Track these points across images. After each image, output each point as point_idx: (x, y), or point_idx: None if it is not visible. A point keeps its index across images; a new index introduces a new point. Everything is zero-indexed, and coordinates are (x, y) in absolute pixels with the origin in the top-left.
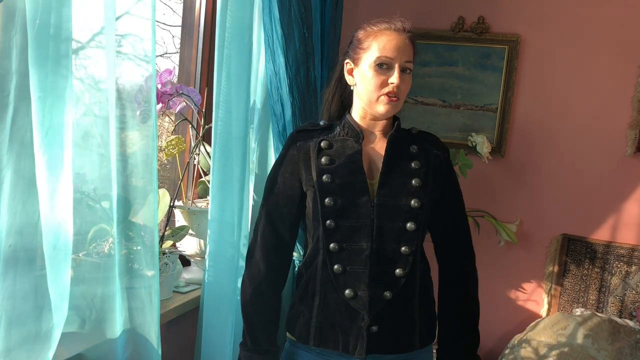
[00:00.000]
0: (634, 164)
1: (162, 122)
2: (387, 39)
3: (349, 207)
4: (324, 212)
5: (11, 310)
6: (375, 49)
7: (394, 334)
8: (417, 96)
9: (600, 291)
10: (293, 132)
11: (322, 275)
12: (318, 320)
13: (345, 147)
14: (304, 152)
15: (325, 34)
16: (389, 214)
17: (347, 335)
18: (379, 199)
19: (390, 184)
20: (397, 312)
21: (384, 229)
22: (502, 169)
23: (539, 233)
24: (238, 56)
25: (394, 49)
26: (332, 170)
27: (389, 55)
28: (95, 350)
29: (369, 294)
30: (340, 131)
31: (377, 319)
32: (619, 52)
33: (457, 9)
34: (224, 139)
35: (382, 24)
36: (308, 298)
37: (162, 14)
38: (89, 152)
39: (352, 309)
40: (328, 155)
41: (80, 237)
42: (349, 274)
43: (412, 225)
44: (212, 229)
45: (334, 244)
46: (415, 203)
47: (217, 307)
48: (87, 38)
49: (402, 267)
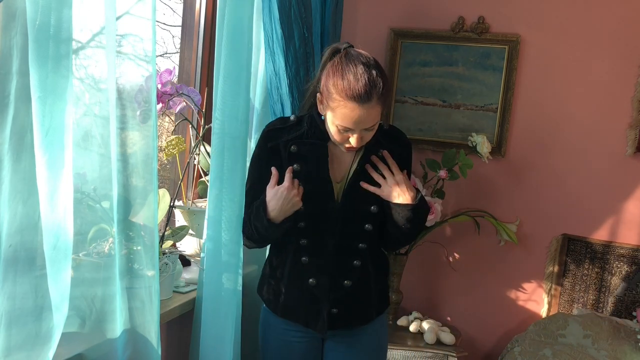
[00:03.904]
0: (634, 164)
1: (162, 122)
2: (350, 111)
3: (317, 211)
4: (297, 217)
5: (11, 310)
6: (338, 116)
7: (352, 314)
8: (417, 96)
9: (600, 291)
10: (264, 132)
11: (291, 264)
12: (286, 299)
13: (313, 150)
14: (273, 152)
15: (325, 34)
16: (351, 216)
17: (310, 315)
18: (344, 204)
19: (353, 193)
20: (356, 296)
21: (346, 229)
22: (502, 169)
23: (539, 233)
24: (237, 56)
25: (354, 121)
26: (301, 177)
27: (350, 127)
28: (95, 350)
29: (330, 283)
30: (307, 130)
31: (337, 303)
32: (619, 52)
33: (457, 9)
34: (223, 139)
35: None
36: (278, 278)
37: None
38: (89, 152)
39: (315, 296)
40: (297, 162)
41: (80, 237)
42: (314, 265)
43: (370, 227)
44: (210, 228)
45: (303, 240)
46: (374, 209)
47: (215, 306)
48: (87, 38)
49: (360, 260)
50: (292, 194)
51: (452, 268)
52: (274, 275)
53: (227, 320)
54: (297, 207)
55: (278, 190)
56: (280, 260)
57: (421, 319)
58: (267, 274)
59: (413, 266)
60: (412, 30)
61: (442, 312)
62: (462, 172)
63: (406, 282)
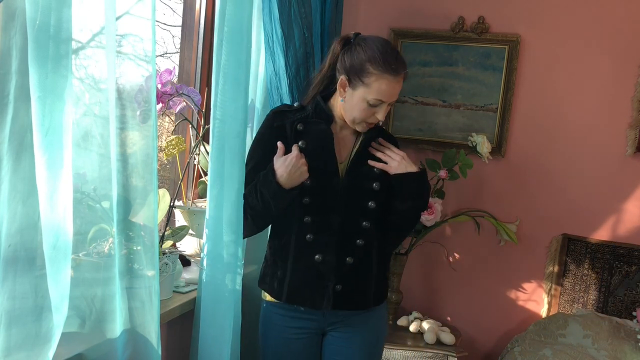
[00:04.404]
0: (634, 164)
1: (162, 122)
2: (386, 84)
3: (321, 187)
4: (302, 192)
5: (11, 310)
6: (374, 90)
7: (354, 293)
8: (417, 96)
9: (600, 291)
10: (269, 114)
11: (295, 242)
12: (291, 280)
13: (318, 130)
14: (281, 131)
15: (325, 34)
16: (355, 194)
17: (315, 293)
18: (348, 181)
19: (357, 170)
20: (357, 275)
21: (349, 206)
22: (502, 169)
23: (539, 233)
24: (236, 56)
25: (389, 94)
26: (307, 153)
27: (383, 99)
28: (95, 350)
29: (335, 259)
30: (311, 112)
31: (341, 279)
32: (619, 52)
33: (457, 9)
34: (222, 139)
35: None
36: (282, 261)
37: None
38: (89, 152)
39: (321, 272)
40: (303, 139)
41: (80, 237)
42: (319, 243)
43: (373, 204)
44: (210, 228)
45: (307, 217)
46: (376, 186)
47: (215, 306)
48: (87, 38)
49: (363, 238)
50: (300, 162)
51: (452, 268)
52: (277, 260)
53: (227, 321)
54: (305, 177)
55: (287, 158)
56: (284, 242)
57: (421, 319)
58: (270, 263)
59: (413, 266)
60: (412, 30)
61: (442, 312)
62: (462, 172)
63: (406, 282)
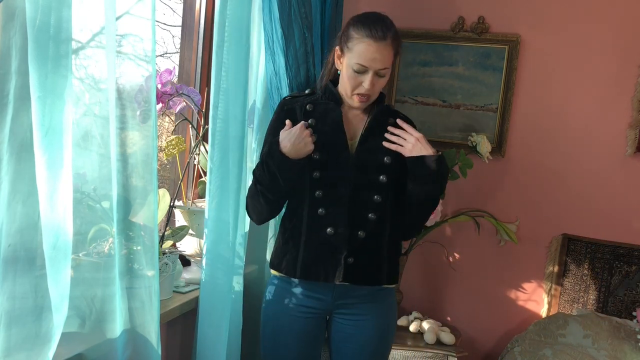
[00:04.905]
0: (634, 164)
1: (162, 122)
2: (365, 47)
3: (332, 161)
4: (311, 165)
5: (11, 310)
6: (355, 54)
7: (365, 267)
8: (417, 96)
9: (600, 291)
10: (280, 101)
11: (307, 217)
12: (304, 256)
13: (327, 109)
14: (291, 113)
15: (325, 34)
16: (365, 167)
17: (328, 265)
18: (358, 155)
19: (367, 144)
20: (369, 249)
21: (360, 180)
22: (502, 169)
23: (539, 233)
24: (236, 55)
25: (369, 59)
26: (317, 129)
27: (364, 64)
28: (95, 350)
29: (347, 232)
30: (322, 95)
31: (353, 252)
32: (619, 52)
33: (457, 9)
34: (222, 139)
35: (366, 30)
36: (294, 238)
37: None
38: (89, 152)
39: (333, 244)
40: (313, 117)
41: (80, 237)
42: (330, 216)
43: (384, 178)
44: (210, 228)
45: (318, 192)
46: (387, 160)
47: (214, 305)
48: (87, 38)
49: (375, 213)
50: (304, 133)
51: (452, 268)
52: (289, 240)
53: (224, 321)
54: (309, 148)
55: (291, 130)
56: (296, 221)
57: (421, 319)
58: (281, 245)
59: (413, 266)
60: (412, 30)
61: (442, 312)
62: (462, 172)
63: (406, 282)
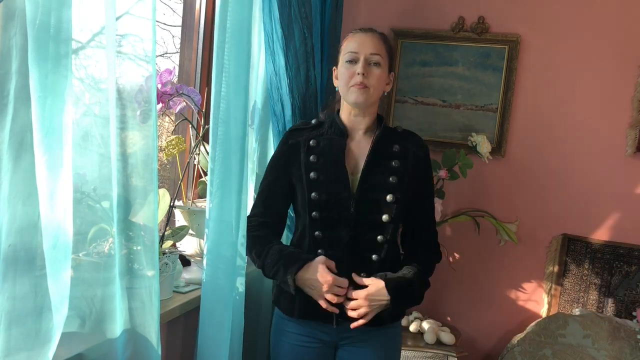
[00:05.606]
0: (634, 164)
1: (162, 122)
2: (353, 38)
3: (332, 200)
4: (310, 205)
5: (11, 310)
6: (346, 49)
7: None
8: (417, 96)
9: (600, 291)
10: (286, 131)
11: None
12: (302, 296)
13: (331, 145)
14: (294, 149)
15: (325, 34)
16: (367, 207)
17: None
18: (359, 194)
19: (370, 180)
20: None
21: (361, 220)
22: (502, 169)
23: (539, 233)
24: (236, 56)
25: (357, 44)
26: (318, 167)
27: (354, 50)
28: (95, 350)
29: (348, 276)
30: (327, 129)
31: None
32: (619, 52)
33: (457, 9)
34: (223, 139)
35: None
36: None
37: (162, 14)
38: (89, 152)
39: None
40: (315, 154)
41: (80, 237)
42: (331, 258)
43: (387, 217)
44: (211, 229)
45: (318, 232)
46: (390, 198)
47: (214, 306)
48: (87, 38)
49: (378, 254)
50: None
51: (452, 268)
52: None
53: (225, 321)
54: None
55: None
56: None
57: (421, 319)
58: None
59: None
60: (412, 30)
61: (442, 312)
62: (462, 172)
63: None
